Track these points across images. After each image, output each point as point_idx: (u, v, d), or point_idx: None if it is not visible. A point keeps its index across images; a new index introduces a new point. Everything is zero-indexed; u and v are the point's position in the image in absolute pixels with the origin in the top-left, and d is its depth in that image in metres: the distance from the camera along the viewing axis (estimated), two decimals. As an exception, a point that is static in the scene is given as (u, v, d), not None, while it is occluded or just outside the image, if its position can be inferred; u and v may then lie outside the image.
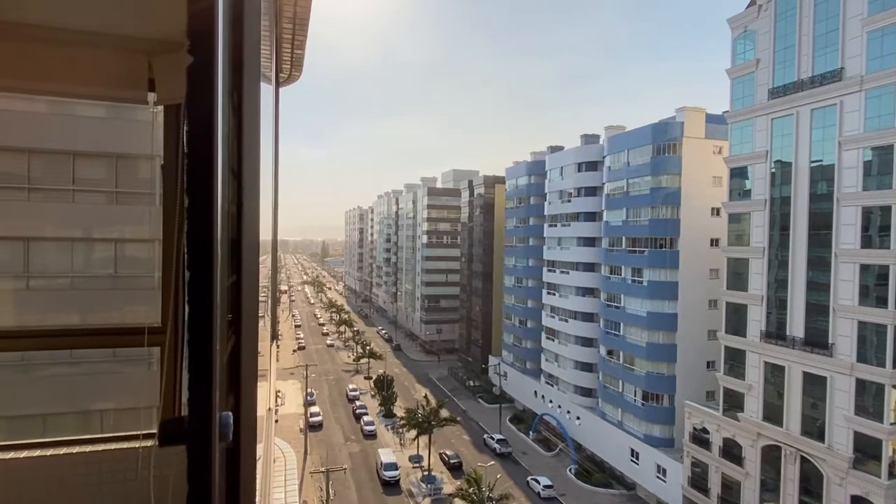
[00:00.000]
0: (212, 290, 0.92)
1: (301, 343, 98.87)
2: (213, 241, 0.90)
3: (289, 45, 3.57)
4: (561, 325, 58.48)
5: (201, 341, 0.92)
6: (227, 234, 1.16)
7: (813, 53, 33.40)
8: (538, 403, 61.13)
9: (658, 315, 45.80)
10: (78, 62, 2.15)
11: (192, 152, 0.90)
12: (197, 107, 0.91)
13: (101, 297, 11.01)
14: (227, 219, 1.18)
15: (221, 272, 0.96)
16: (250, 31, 1.22)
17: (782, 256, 35.15)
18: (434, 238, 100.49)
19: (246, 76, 1.24)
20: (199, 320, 0.92)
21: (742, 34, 38.62)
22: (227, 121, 1.11)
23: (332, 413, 65.41)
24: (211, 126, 0.92)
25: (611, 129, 53.24)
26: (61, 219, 10.67)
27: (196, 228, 0.90)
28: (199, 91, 0.91)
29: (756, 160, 37.02)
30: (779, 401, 35.13)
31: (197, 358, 0.90)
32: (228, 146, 1.17)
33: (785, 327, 34.82)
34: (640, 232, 47.41)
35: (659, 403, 45.71)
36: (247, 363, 1.24)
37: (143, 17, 1.87)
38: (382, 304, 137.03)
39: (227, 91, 1.09)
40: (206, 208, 0.93)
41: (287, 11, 3.11)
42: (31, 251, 10.72)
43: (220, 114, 0.94)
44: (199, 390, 0.89)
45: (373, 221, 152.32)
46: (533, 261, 65.83)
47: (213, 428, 0.90)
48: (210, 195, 0.93)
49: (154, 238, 2.66)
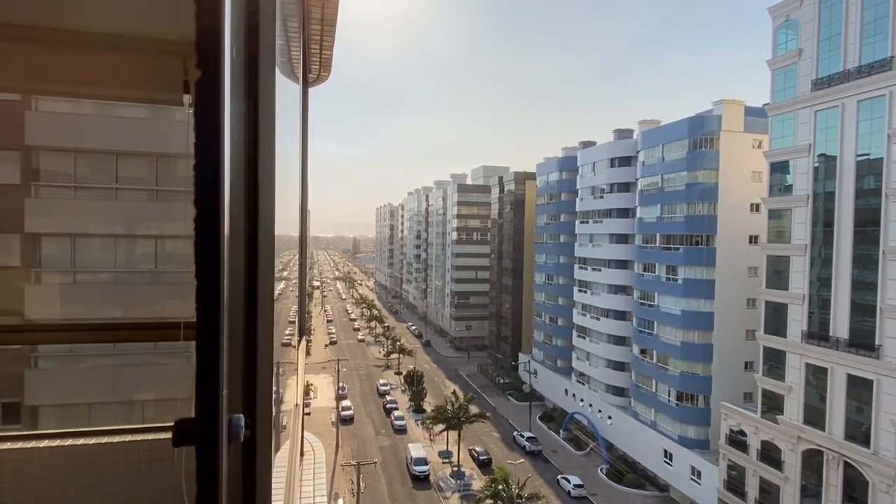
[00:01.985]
0: (218, 289, 0.94)
1: (333, 338, 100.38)
2: (220, 238, 0.92)
3: (317, 45, 3.63)
4: (592, 323, 57.72)
5: (208, 342, 0.94)
6: (239, 232, 1.18)
7: (860, 42, 31.94)
8: (569, 402, 60.55)
9: (693, 314, 44.74)
10: (117, 66, 2.23)
11: (200, 153, 0.92)
12: (205, 107, 0.93)
13: (143, 292, 11.42)
14: (241, 216, 1.21)
15: (231, 270, 0.98)
16: (266, 35, 1.24)
17: (825, 254, 33.82)
18: (464, 235, 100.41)
19: (261, 76, 1.26)
20: (205, 321, 0.94)
21: (783, 23, 37.22)
22: (238, 121, 1.14)
23: (363, 407, 66.26)
24: (218, 127, 0.94)
25: (645, 124, 52.15)
26: (105, 216, 11.10)
27: (204, 225, 0.92)
28: (208, 92, 0.93)
29: (798, 154, 35.68)
30: (821, 404, 33.87)
31: (204, 358, 0.92)
32: (244, 146, 1.19)
33: (828, 328, 33.52)
34: (675, 229, 46.35)
35: (694, 404, 44.69)
36: (262, 363, 1.26)
37: (177, 21, 1.94)
38: (412, 300, 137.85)
39: (240, 92, 1.11)
40: (214, 205, 0.95)
41: (315, 14, 3.15)
42: (77, 247, 11.20)
43: (228, 115, 0.96)
44: (207, 391, 0.92)
45: (403, 218, 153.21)
46: (564, 258, 65.13)
47: (221, 429, 0.92)
48: (217, 193, 0.95)
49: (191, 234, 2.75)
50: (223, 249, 0.94)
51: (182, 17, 0.94)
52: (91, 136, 10.23)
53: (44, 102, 8.59)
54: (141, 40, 2.09)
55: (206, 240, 0.92)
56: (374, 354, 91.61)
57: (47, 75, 2.29)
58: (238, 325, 1.22)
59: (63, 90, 2.90)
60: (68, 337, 3.16)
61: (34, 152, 10.29)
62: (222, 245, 0.93)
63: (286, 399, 2.59)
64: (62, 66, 2.18)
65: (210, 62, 0.93)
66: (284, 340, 2.86)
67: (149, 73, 2.24)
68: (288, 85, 2.30)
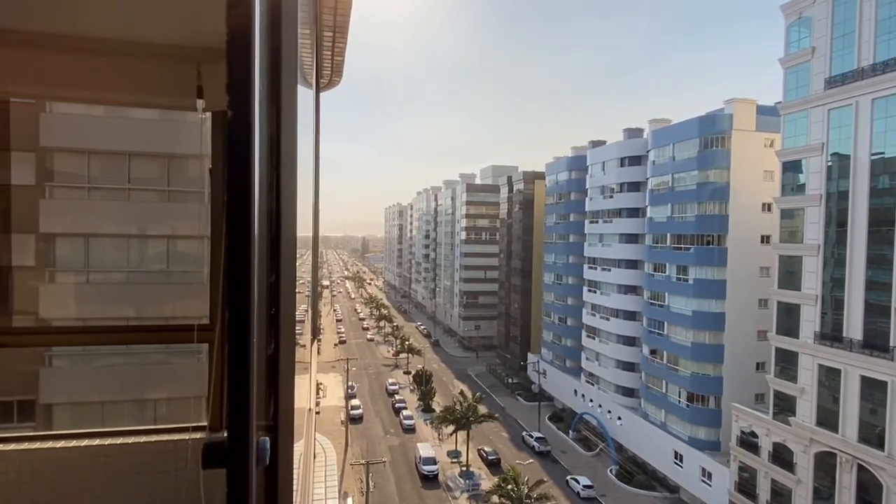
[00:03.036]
0: (249, 315, 0.94)
1: (342, 337, 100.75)
2: (251, 248, 0.93)
3: (329, 52, 3.65)
4: (602, 323, 57.46)
5: (239, 364, 0.95)
6: (265, 237, 1.19)
7: (875, 39, 31.52)
8: (578, 402, 60.33)
9: (704, 314, 44.40)
10: (132, 72, 2.26)
11: (232, 155, 0.93)
12: (237, 111, 0.94)
13: (155, 291, 11.53)
14: (266, 219, 1.22)
15: (258, 279, 0.99)
16: (287, 40, 1.25)
17: (839, 254, 33.41)
18: (472, 234, 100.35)
19: (284, 82, 1.27)
20: (235, 344, 0.95)
21: (796, 21, 36.80)
22: (265, 124, 1.15)
23: (372, 406, 66.45)
24: (249, 129, 0.95)
25: (655, 123, 51.83)
26: (118, 216, 11.21)
27: (235, 231, 0.93)
28: (239, 96, 0.94)
29: (811, 153, 35.27)
30: (834, 405, 33.48)
31: (235, 380, 0.93)
32: (268, 148, 1.20)
33: (841, 328, 33.12)
34: (685, 228, 46.02)
35: (704, 405, 44.35)
36: (284, 380, 1.27)
37: (191, 28, 1.96)
38: (421, 299, 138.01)
39: (266, 96, 1.13)
40: (245, 210, 0.96)
41: (327, 21, 3.17)
42: (91, 247, 11.33)
43: (258, 118, 0.97)
44: (238, 414, 0.92)
45: (412, 218, 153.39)
46: (573, 258, 64.89)
47: (251, 453, 0.93)
48: (248, 196, 0.96)
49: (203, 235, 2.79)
50: (254, 262, 0.94)
51: (196, 23, 0.96)
52: (103, 136, 10.34)
53: (59, 105, 8.69)
54: (156, 46, 2.12)
55: (236, 248, 0.93)
56: (383, 354, 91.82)
57: (64, 81, 2.32)
58: (262, 338, 1.23)
59: (79, 96, 2.95)
60: (83, 339, 3.21)
61: (49, 154, 10.42)
62: (253, 257, 0.94)
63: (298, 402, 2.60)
64: (79, 72, 2.21)
65: (240, 70, 0.94)
66: (298, 342, 2.88)
67: (164, 78, 2.27)
68: (301, 90, 2.32)
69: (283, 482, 1.27)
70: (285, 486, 1.29)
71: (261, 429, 0.98)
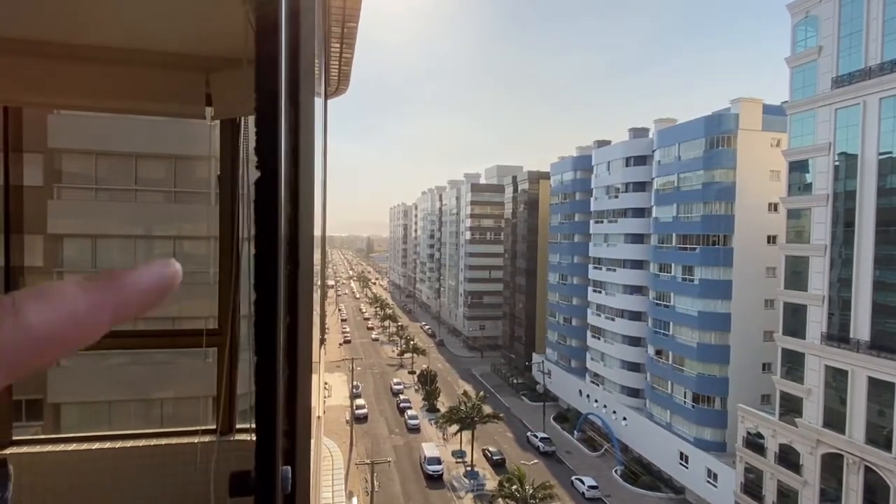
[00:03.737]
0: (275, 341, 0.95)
1: (347, 337, 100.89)
2: (277, 266, 0.94)
3: (336, 61, 3.68)
4: (607, 323, 57.32)
5: (266, 394, 0.96)
6: (285, 241, 1.21)
7: (882, 38, 31.31)
8: (583, 403, 60.21)
9: (710, 315, 44.23)
10: (142, 81, 2.29)
11: (261, 165, 0.95)
12: (264, 119, 0.97)
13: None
14: (287, 225, 1.23)
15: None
16: (306, 48, 1.27)
17: (846, 254, 33.21)
18: (477, 234, 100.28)
19: (302, 89, 1.29)
20: (263, 389, 0.96)
21: (803, 20, 36.61)
22: (289, 130, 1.18)
23: (377, 406, 66.53)
24: (276, 138, 0.98)
25: (661, 122, 51.66)
26: (125, 217, 11.28)
27: (264, 243, 0.94)
28: (266, 104, 0.97)
29: (818, 153, 35.07)
30: (841, 407, 33.29)
31: (262, 412, 0.94)
32: (290, 154, 1.23)
33: (848, 329, 32.92)
34: (691, 228, 45.85)
35: (710, 406, 44.18)
36: (301, 421, 1.27)
37: (201, 38, 1.98)
38: (426, 299, 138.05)
39: (288, 104, 1.15)
40: (273, 216, 0.97)
41: (335, 32, 3.19)
42: (98, 247, 11.40)
43: (284, 126, 1.00)
44: (265, 445, 0.94)
45: (416, 218, 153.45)
46: (578, 258, 64.75)
47: (277, 484, 0.96)
48: (276, 207, 0.98)
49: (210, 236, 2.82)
50: (280, 271, 0.95)
51: (205, 33, 0.98)
52: (110, 138, 10.40)
53: (67, 108, 8.75)
54: (166, 56, 2.14)
55: (265, 256, 0.94)
56: (388, 353, 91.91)
57: (75, 89, 2.35)
58: (283, 359, 1.24)
59: (90, 104, 2.98)
60: (94, 343, 3.24)
61: (57, 155, 10.49)
62: (280, 265, 0.95)
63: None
64: (89, 81, 2.24)
65: (267, 83, 0.97)
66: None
67: (173, 87, 2.30)
68: None
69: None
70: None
71: (282, 454, 1.01)
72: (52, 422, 10.33)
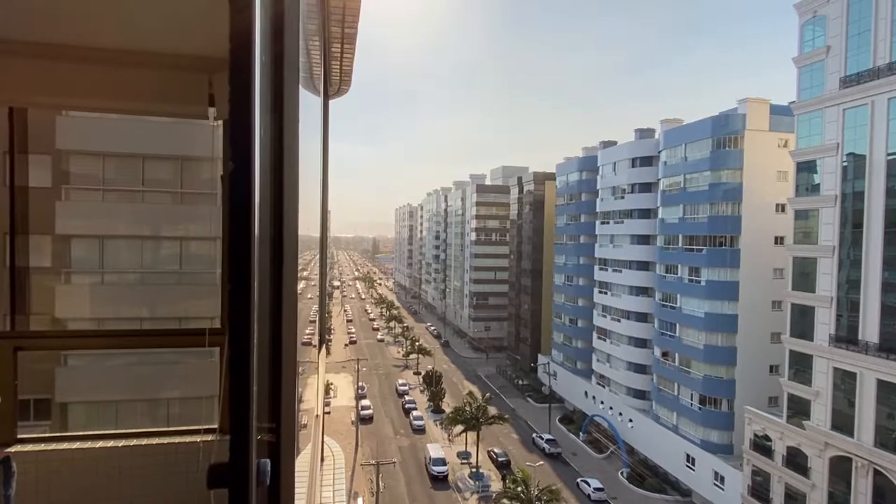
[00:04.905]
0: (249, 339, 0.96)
1: (353, 337, 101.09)
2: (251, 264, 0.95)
3: (337, 61, 3.70)
4: (613, 324, 57.13)
5: (239, 393, 0.97)
6: (266, 239, 1.22)
7: (891, 38, 31.05)
8: (589, 404, 60.02)
9: (717, 316, 43.99)
10: (147, 82, 2.31)
11: (234, 162, 0.97)
12: (237, 118, 0.98)
13: (168, 292, 11.67)
14: (268, 225, 1.24)
15: (259, 284, 1.01)
16: (290, 49, 1.28)
17: (854, 255, 32.94)
18: (483, 235, 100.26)
19: (286, 91, 1.30)
20: (236, 387, 0.96)
21: (810, 20, 36.36)
22: (268, 130, 1.19)
23: (382, 407, 66.60)
24: (249, 135, 0.99)
25: (667, 123, 51.47)
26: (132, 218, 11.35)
27: (235, 239, 0.95)
28: (239, 103, 0.98)
29: (826, 153, 34.82)
30: (849, 409, 33.00)
31: (236, 406, 0.95)
32: (271, 154, 1.24)
33: (857, 331, 32.64)
34: (697, 229, 45.63)
35: (717, 408, 43.94)
36: (286, 417, 1.28)
37: (204, 40, 1.99)
38: (431, 300, 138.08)
39: (267, 103, 1.17)
40: (245, 217, 0.98)
41: (335, 33, 3.21)
42: (106, 248, 11.48)
43: (259, 124, 1.01)
44: (239, 439, 0.95)
45: (422, 219, 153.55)
46: (584, 259, 64.59)
47: (251, 476, 0.97)
48: (248, 206, 0.99)
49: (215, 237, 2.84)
50: (254, 269, 0.97)
51: (208, 35, 0.99)
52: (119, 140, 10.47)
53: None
54: (169, 57, 2.16)
55: (237, 255, 0.95)
56: (393, 354, 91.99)
57: (81, 90, 2.38)
58: (264, 349, 1.25)
59: (96, 105, 3.01)
60: (98, 343, 3.28)
61: (65, 156, 10.57)
62: (253, 263, 0.96)
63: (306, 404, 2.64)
64: (95, 82, 2.26)
65: (241, 78, 0.99)
66: (304, 339, 2.90)
67: (177, 88, 2.32)
68: (309, 97, 2.36)
69: (284, 500, 1.29)
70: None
71: (262, 448, 1.01)
72: (59, 421, 10.40)
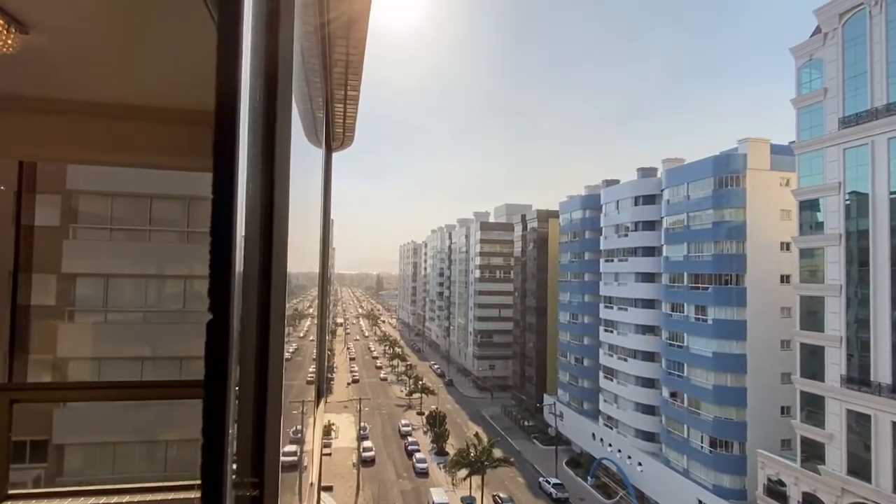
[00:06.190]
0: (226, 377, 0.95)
1: (355, 376, 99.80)
2: (230, 315, 0.94)
3: (340, 118, 3.80)
4: (619, 364, 56.28)
5: (213, 444, 0.95)
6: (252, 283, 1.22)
7: (887, 80, 31.67)
8: (596, 447, 58.50)
9: (725, 356, 43.31)
10: (153, 135, 2.36)
11: (216, 218, 0.98)
12: (220, 172, 1.00)
13: (171, 331, 11.63)
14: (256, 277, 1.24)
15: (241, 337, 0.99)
16: (283, 104, 1.32)
17: (862, 294, 32.64)
18: (487, 272, 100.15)
19: (278, 144, 1.34)
20: (210, 439, 0.94)
21: (807, 63, 37.21)
22: (258, 184, 1.22)
23: (385, 448, 65.09)
24: (232, 185, 1.00)
25: (669, 162, 52.05)
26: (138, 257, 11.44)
27: (217, 292, 0.95)
28: (223, 157, 1.01)
29: (828, 192, 34.99)
30: (866, 453, 32.03)
31: (209, 456, 0.93)
32: (261, 209, 1.26)
33: (869, 372, 32.02)
34: (702, 267, 45.47)
35: (728, 451, 42.72)
36: (271, 433, 1.25)
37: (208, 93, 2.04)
38: (435, 338, 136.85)
39: (258, 158, 1.20)
40: (225, 281, 0.99)
41: (338, 94, 3.31)
42: (110, 286, 11.52)
43: (244, 176, 1.04)
44: (211, 498, 0.93)
45: (426, 256, 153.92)
46: (589, 297, 64.20)
47: None
48: (229, 266, 1.00)
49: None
50: (233, 331, 0.96)
51: (210, 89, 1.03)
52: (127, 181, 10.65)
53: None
54: (174, 111, 2.21)
55: (218, 316, 0.95)
56: (396, 393, 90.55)
57: (88, 144, 2.43)
58: (248, 392, 1.24)
59: (102, 158, 3.08)
60: (95, 395, 3.25)
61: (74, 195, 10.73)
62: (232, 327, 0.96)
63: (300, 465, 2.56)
64: (103, 136, 2.31)
65: (225, 132, 1.01)
66: (297, 401, 2.83)
67: (182, 141, 2.36)
68: (308, 149, 2.41)
69: None
70: None
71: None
72: (55, 464, 10.19)
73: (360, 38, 2.50)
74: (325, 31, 2.38)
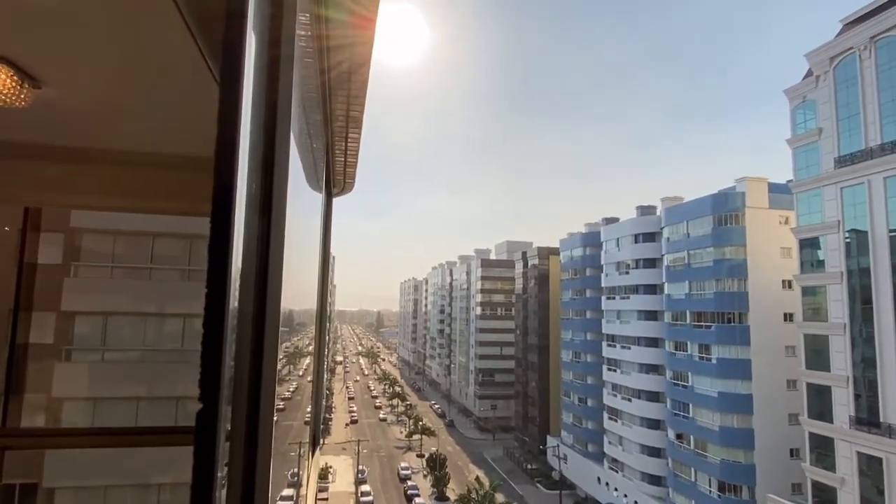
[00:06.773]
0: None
1: (354, 416, 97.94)
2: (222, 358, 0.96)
3: (341, 167, 3.90)
4: (624, 404, 55.26)
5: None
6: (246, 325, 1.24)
7: (880, 121, 32.28)
8: (602, 491, 56.80)
9: (730, 396, 42.57)
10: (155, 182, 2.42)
11: (212, 268, 1.01)
12: (217, 220, 1.04)
13: (169, 370, 11.50)
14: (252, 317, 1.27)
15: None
16: (281, 154, 1.38)
17: (867, 332, 32.33)
18: (488, 310, 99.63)
19: (275, 192, 1.39)
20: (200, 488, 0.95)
21: (801, 104, 38.03)
22: (253, 231, 1.27)
23: (384, 493, 63.25)
24: (228, 233, 1.04)
25: (667, 201, 52.54)
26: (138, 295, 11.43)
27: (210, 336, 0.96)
28: (219, 205, 1.04)
29: (827, 230, 35.15)
30: (879, 497, 31.05)
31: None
32: (257, 258, 1.30)
33: (878, 413, 31.38)
34: (705, 305, 45.24)
35: (737, 496, 41.44)
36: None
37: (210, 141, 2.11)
38: (436, 376, 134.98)
39: (252, 203, 1.25)
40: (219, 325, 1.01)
41: (339, 146, 3.41)
42: (109, 325, 11.46)
43: (241, 221, 1.09)
44: None
45: (427, 293, 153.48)
46: (591, 334, 63.66)
47: None
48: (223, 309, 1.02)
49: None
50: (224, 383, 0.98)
51: (212, 137, 1.08)
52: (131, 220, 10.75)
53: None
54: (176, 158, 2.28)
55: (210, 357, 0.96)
56: (396, 434, 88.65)
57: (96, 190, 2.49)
58: (240, 434, 1.24)
59: (105, 204, 3.15)
60: (90, 441, 3.22)
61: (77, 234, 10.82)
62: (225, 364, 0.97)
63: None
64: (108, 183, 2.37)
65: (225, 178, 1.06)
66: (293, 443, 2.76)
67: (185, 187, 2.42)
68: (310, 195, 2.46)
69: None
70: None
71: None
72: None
73: (360, 89, 2.58)
74: (326, 79, 2.46)
